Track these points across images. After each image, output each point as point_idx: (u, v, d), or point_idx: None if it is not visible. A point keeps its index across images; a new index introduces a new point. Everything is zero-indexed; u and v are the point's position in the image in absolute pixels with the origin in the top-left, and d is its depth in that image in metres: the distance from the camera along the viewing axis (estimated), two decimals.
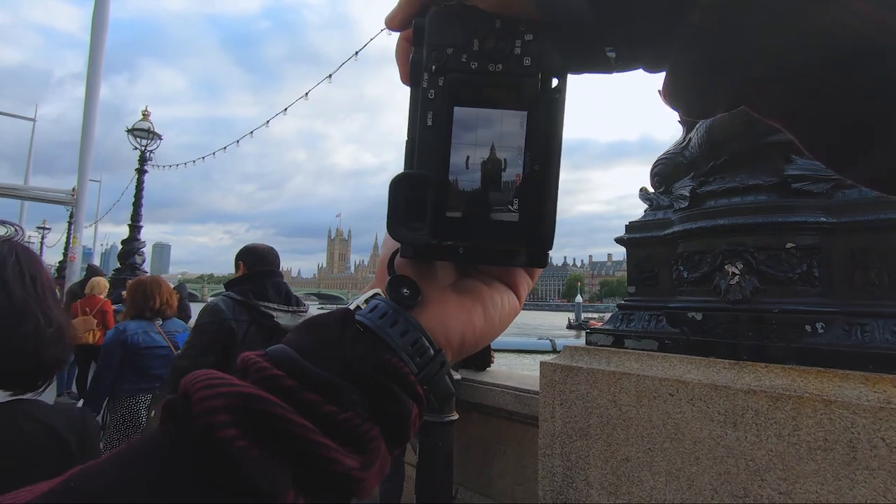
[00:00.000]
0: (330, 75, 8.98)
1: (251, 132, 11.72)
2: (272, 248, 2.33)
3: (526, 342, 27.73)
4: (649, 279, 2.24)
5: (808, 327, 1.69)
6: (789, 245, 1.77)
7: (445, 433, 2.44)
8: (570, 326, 51.27)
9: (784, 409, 1.58)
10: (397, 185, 0.30)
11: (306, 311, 2.25)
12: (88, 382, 4.74)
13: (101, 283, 6.43)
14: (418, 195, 0.30)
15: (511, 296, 0.39)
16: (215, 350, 2.01)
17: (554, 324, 56.56)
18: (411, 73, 0.31)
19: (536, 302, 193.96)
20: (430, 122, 0.30)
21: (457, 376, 2.60)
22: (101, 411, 2.83)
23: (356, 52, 7.93)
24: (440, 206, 0.30)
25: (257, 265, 2.22)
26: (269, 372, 0.26)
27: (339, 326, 0.30)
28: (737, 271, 1.82)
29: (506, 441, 2.75)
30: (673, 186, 2.23)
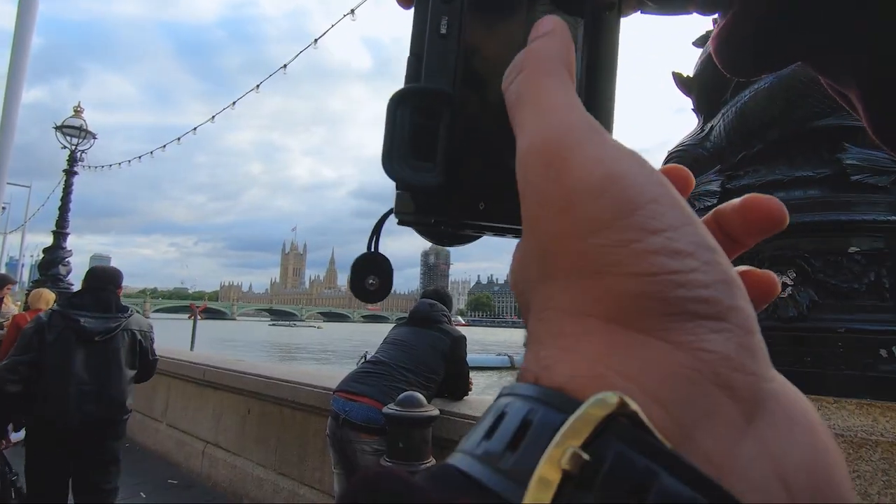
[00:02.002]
0: (285, 65, 8.46)
1: (194, 129, 10.91)
2: (108, 269, 3.06)
3: (484, 358, 27.37)
4: None
5: (882, 351, 1.36)
6: (853, 249, 1.44)
7: None
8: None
9: (870, 460, 1.23)
10: (402, 101, 0.22)
11: (127, 315, 2.82)
12: None
13: (46, 295, 5.63)
14: (427, 120, 0.22)
15: None
16: (31, 350, 2.57)
17: (511, 340, 56.77)
18: None
19: (493, 319, 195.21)
20: (443, 31, 0.22)
21: (434, 412, 2.14)
22: None
23: (315, 40, 7.48)
24: (456, 137, 0.22)
25: (90, 282, 2.84)
26: None
27: None
28: (789, 281, 1.48)
29: None
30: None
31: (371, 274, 0.26)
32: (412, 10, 0.24)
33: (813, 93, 1.63)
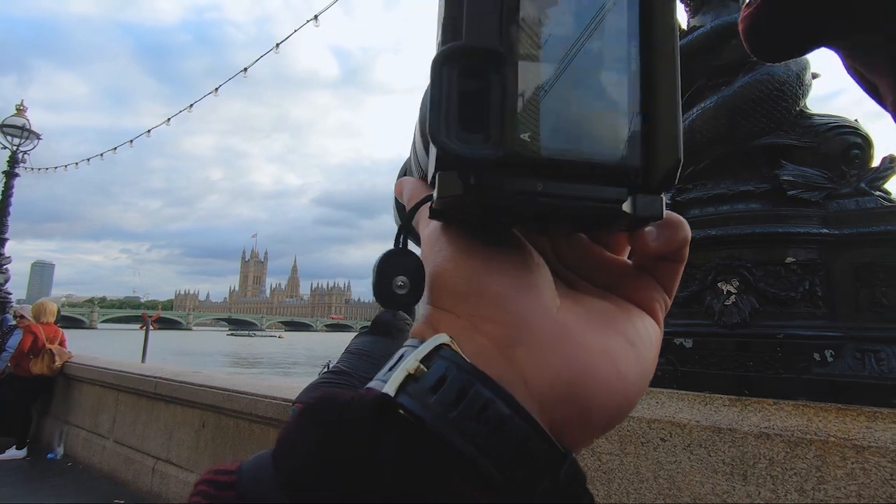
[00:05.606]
0: (245, 69, 8.27)
1: (148, 131, 10.49)
2: None
3: None
4: None
5: (816, 355, 1.45)
6: (789, 260, 1.54)
7: None
8: None
9: (805, 458, 1.31)
10: (447, 62, 0.18)
11: None
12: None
13: (49, 307, 5.52)
14: (475, 85, 0.18)
15: (649, 322, 0.25)
16: None
17: None
18: None
19: None
20: None
21: None
22: None
23: (277, 45, 7.37)
24: (510, 103, 0.18)
25: None
26: None
27: (366, 432, 0.18)
28: (733, 290, 1.56)
29: None
30: None
31: (399, 274, 0.23)
32: None
33: (754, 113, 1.73)
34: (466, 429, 0.18)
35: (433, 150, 0.20)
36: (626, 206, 0.20)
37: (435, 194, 0.20)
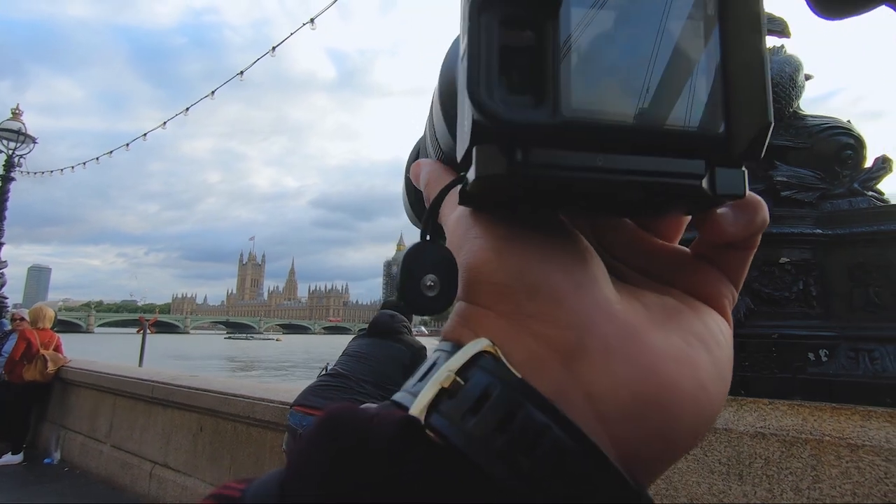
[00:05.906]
0: (242, 72, 8.29)
1: (144, 135, 10.50)
2: None
3: None
4: None
5: (811, 355, 1.46)
6: (783, 260, 1.55)
7: None
8: None
9: (800, 457, 1.31)
10: (487, 5, 0.15)
11: None
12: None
13: (48, 312, 5.52)
14: (522, 34, 0.15)
15: (720, 319, 0.21)
16: None
17: None
18: None
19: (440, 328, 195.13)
20: None
21: None
22: None
23: (273, 48, 7.39)
24: (565, 56, 0.15)
25: None
26: None
27: (388, 456, 0.15)
28: None
29: None
30: None
31: (429, 272, 0.19)
32: None
33: None
34: (514, 464, 0.15)
35: (468, 120, 0.16)
36: (705, 186, 0.17)
37: (472, 173, 0.17)
